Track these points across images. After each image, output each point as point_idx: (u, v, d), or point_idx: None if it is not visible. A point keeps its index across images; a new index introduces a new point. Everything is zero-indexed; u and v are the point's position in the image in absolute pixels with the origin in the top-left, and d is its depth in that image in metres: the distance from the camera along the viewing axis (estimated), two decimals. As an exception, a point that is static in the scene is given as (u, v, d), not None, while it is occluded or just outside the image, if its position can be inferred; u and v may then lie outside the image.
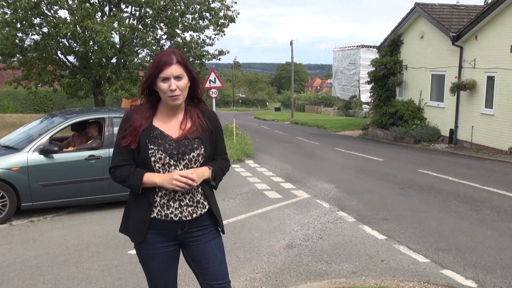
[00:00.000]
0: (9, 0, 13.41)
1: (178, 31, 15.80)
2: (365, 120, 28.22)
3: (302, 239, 5.88)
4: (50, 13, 14.56)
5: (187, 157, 2.39)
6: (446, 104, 17.66)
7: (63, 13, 22.02)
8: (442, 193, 8.63)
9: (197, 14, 16.08)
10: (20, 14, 13.44)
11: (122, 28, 13.98)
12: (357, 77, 43.14)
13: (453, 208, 7.45)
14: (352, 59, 43.79)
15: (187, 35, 16.33)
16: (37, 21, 14.36)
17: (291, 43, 43.95)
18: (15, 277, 4.64)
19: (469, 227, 6.42)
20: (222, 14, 16.35)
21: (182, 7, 15.32)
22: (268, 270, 4.81)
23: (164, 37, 16.09)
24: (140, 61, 15.59)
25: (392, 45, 21.14)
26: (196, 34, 16.23)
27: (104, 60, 15.01)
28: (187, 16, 15.90)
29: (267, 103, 78.59)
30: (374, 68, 21.90)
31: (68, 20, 13.46)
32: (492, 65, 14.97)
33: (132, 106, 2.51)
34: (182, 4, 15.35)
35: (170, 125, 2.44)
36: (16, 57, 15.15)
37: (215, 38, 16.67)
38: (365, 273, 4.71)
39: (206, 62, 17.27)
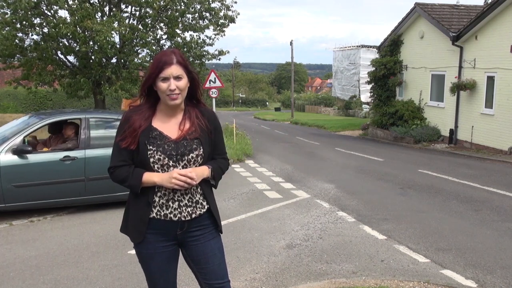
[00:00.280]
0: (9, 0, 13.41)
1: (178, 31, 15.79)
2: (365, 120, 28.22)
3: (302, 239, 5.88)
4: (50, 13, 14.56)
5: (186, 158, 2.39)
6: (446, 104, 17.66)
7: (63, 13, 22.02)
8: (442, 193, 8.63)
9: (197, 14, 16.07)
10: (20, 14, 13.43)
11: (122, 28, 13.97)
12: (357, 77, 43.14)
13: (453, 208, 7.45)
14: (352, 59, 43.78)
15: (187, 35, 16.33)
16: (37, 21, 14.35)
17: (291, 43, 43.98)
18: (15, 277, 4.64)
19: (469, 227, 6.42)
20: (222, 14, 16.34)
21: (182, 7, 15.31)
22: (268, 270, 4.81)
23: (164, 37, 16.08)
24: (140, 61, 15.59)
25: (392, 45, 21.15)
26: (196, 34, 16.22)
27: (104, 60, 15.00)
28: (187, 16, 15.90)
29: (267, 103, 78.59)
30: (374, 68, 21.91)
31: (68, 20, 13.45)
32: (492, 65, 14.97)
33: (131, 107, 2.50)
34: (182, 4, 15.34)
35: (169, 126, 2.44)
36: (16, 57, 15.14)
37: (215, 38, 16.66)
38: (365, 273, 4.71)
39: (206, 62, 17.25)
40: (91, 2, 14.87)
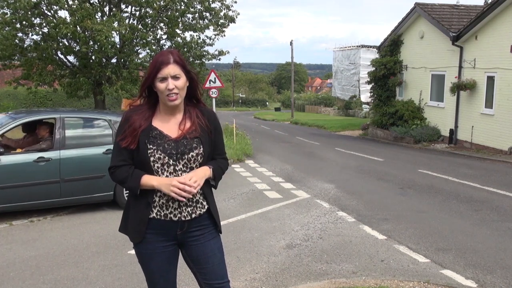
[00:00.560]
0: (9, 0, 13.40)
1: (178, 31, 15.78)
2: (365, 120, 28.22)
3: (302, 239, 5.88)
4: (50, 13, 14.56)
5: (186, 156, 2.39)
6: (446, 104, 17.66)
7: (63, 13, 22.02)
8: (442, 193, 8.63)
9: (197, 14, 16.07)
10: (20, 14, 13.43)
11: (122, 28, 13.97)
12: (357, 77, 43.12)
13: (453, 208, 7.45)
14: (352, 59, 43.76)
15: (187, 35, 16.33)
16: (37, 21, 14.34)
17: (291, 43, 43.96)
18: (15, 277, 4.64)
19: (469, 227, 6.42)
20: (222, 14, 16.34)
21: (183, 7, 15.31)
22: (268, 270, 4.81)
23: (164, 37, 16.08)
24: (141, 61, 15.58)
25: (392, 45, 21.15)
26: (196, 34, 16.22)
27: (104, 60, 15.00)
28: (187, 16, 15.90)
29: (267, 103, 78.57)
30: (374, 68, 21.91)
31: (68, 20, 13.45)
32: (492, 65, 14.97)
33: (131, 107, 2.51)
34: (182, 4, 15.34)
35: (169, 125, 2.44)
36: (17, 57, 15.14)
37: (215, 38, 16.66)
38: (365, 273, 4.71)
39: (206, 62, 17.25)
40: (91, 2, 14.86)
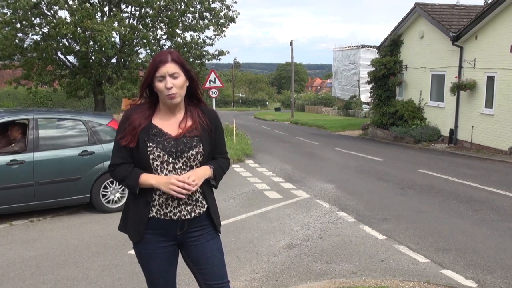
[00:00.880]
0: (9, 0, 13.40)
1: (178, 31, 15.80)
2: (365, 120, 28.22)
3: (302, 239, 5.88)
4: (50, 13, 14.56)
5: (186, 155, 2.39)
6: (446, 104, 17.65)
7: (63, 13, 22.02)
8: (442, 193, 8.63)
9: (197, 14, 16.08)
10: (20, 14, 13.44)
11: (122, 28, 13.97)
12: (357, 77, 43.11)
13: (453, 208, 7.45)
14: (352, 59, 43.76)
15: (187, 35, 16.35)
16: (37, 21, 14.35)
17: (291, 43, 43.94)
18: (15, 277, 4.64)
19: (469, 227, 6.41)
20: (222, 14, 16.35)
21: (183, 7, 15.32)
22: (268, 270, 4.81)
23: (164, 37, 16.09)
24: (141, 61, 15.59)
25: (392, 45, 21.14)
26: (196, 34, 16.23)
27: (104, 60, 15.00)
28: (187, 16, 15.91)
29: (267, 103, 78.55)
30: (374, 68, 21.91)
31: (68, 20, 13.45)
32: (492, 65, 14.96)
33: (131, 105, 2.51)
34: (182, 4, 15.35)
35: (169, 124, 2.44)
36: (17, 57, 15.15)
37: (215, 38, 16.67)
38: (365, 273, 4.71)
39: (206, 62, 17.27)
40: (91, 2, 14.87)
